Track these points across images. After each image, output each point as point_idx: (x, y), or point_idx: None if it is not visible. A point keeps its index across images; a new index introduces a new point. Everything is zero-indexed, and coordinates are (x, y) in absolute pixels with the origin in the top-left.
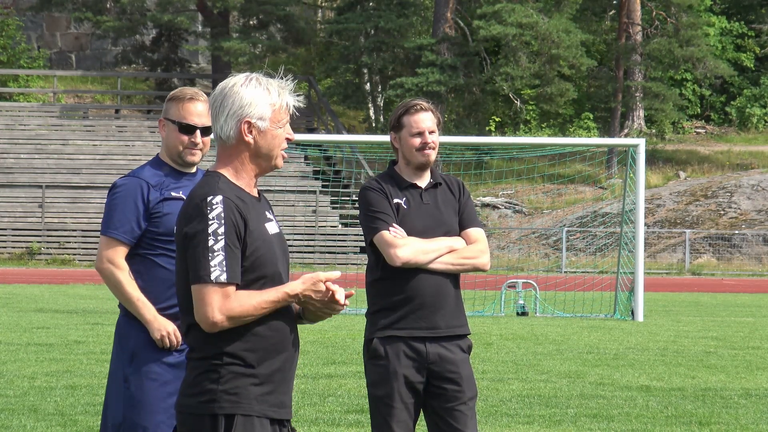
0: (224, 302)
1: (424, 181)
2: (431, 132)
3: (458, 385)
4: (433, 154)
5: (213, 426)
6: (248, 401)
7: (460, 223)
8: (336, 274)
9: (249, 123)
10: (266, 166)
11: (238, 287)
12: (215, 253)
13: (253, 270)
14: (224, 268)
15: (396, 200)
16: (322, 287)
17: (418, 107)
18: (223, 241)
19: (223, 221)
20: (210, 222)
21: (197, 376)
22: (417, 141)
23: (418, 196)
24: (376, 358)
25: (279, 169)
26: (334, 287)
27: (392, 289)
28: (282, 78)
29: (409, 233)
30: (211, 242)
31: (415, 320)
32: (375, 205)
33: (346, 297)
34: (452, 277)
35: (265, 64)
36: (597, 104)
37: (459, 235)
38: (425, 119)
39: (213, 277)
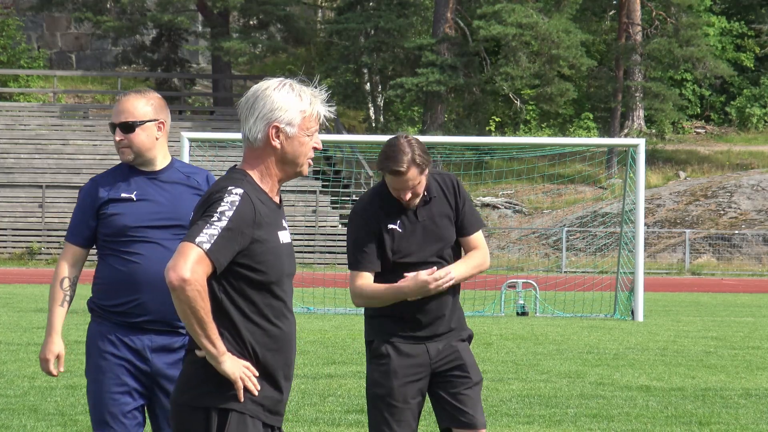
0: (197, 267)
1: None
2: (411, 188)
3: (464, 370)
4: (415, 201)
5: (206, 420)
6: (244, 399)
7: (460, 229)
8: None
9: (277, 128)
10: (291, 172)
11: (215, 272)
12: (212, 227)
13: (259, 274)
14: (212, 241)
15: (390, 225)
16: (240, 385)
17: (393, 171)
18: (225, 222)
19: (234, 209)
20: (222, 204)
21: (195, 371)
22: (396, 193)
23: (413, 215)
24: (378, 357)
25: (304, 175)
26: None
27: (392, 306)
28: (315, 87)
29: (406, 252)
30: (214, 218)
31: (414, 328)
32: (358, 240)
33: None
34: (453, 296)
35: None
36: (597, 104)
37: (455, 243)
38: (401, 182)
39: (197, 240)
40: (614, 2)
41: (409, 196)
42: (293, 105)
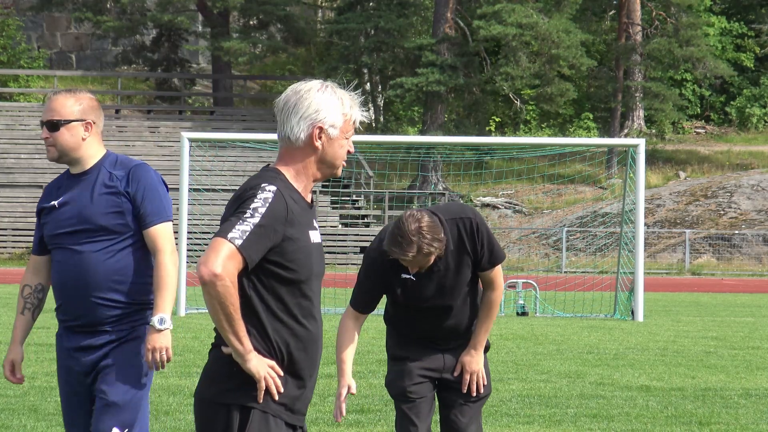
0: (229, 263)
1: None
2: (417, 267)
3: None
4: (428, 263)
5: (227, 417)
6: (266, 398)
7: (478, 267)
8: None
9: (321, 128)
10: (328, 172)
11: (245, 269)
12: (244, 223)
13: (289, 273)
14: (244, 237)
15: (404, 275)
16: (263, 385)
17: (399, 258)
18: (257, 219)
19: (267, 205)
20: (255, 200)
21: (219, 367)
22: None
23: (428, 267)
24: (396, 359)
25: (336, 176)
26: (273, 388)
27: (407, 325)
28: (352, 91)
29: (420, 300)
30: (247, 215)
31: (431, 342)
32: (362, 283)
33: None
34: (466, 319)
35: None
36: (597, 104)
37: (473, 283)
38: (406, 263)
39: (230, 236)
40: (614, 2)
41: (415, 270)
42: (337, 108)
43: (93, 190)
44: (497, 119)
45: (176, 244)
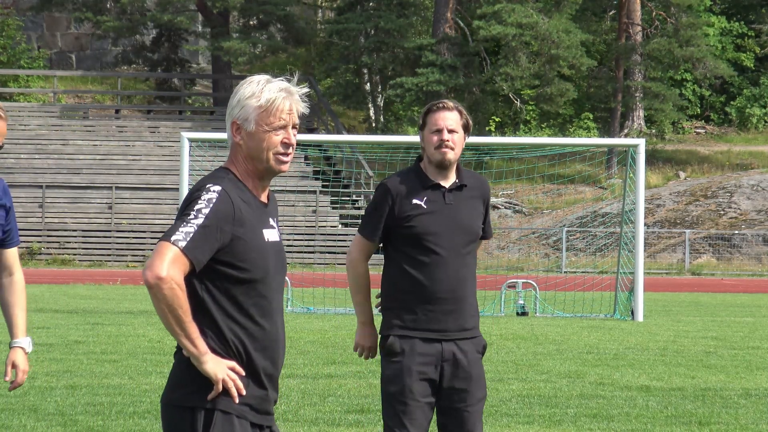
0: (173, 266)
1: (448, 181)
2: (451, 131)
3: (468, 385)
4: (450, 153)
5: (192, 420)
6: (229, 398)
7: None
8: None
9: (236, 124)
10: (261, 168)
11: (193, 271)
12: (188, 225)
13: (242, 272)
14: (188, 239)
15: (415, 200)
16: (220, 387)
17: (441, 105)
18: (201, 220)
19: (211, 206)
20: (200, 202)
21: (181, 371)
22: (435, 138)
23: (440, 197)
24: (391, 354)
25: (278, 172)
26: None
27: (405, 286)
28: (294, 83)
29: (426, 233)
30: (191, 216)
31: (428, 322)
32: (372, 206)
33: None
34: (470, 278)
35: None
36: (597, 104)
37: (478, 238)
38: (446, 117)
39: (173, 239)
40: (614, 2)
41: (446, 134)
42: (250, 101)
43: None
44: (497, 119)
45: None
